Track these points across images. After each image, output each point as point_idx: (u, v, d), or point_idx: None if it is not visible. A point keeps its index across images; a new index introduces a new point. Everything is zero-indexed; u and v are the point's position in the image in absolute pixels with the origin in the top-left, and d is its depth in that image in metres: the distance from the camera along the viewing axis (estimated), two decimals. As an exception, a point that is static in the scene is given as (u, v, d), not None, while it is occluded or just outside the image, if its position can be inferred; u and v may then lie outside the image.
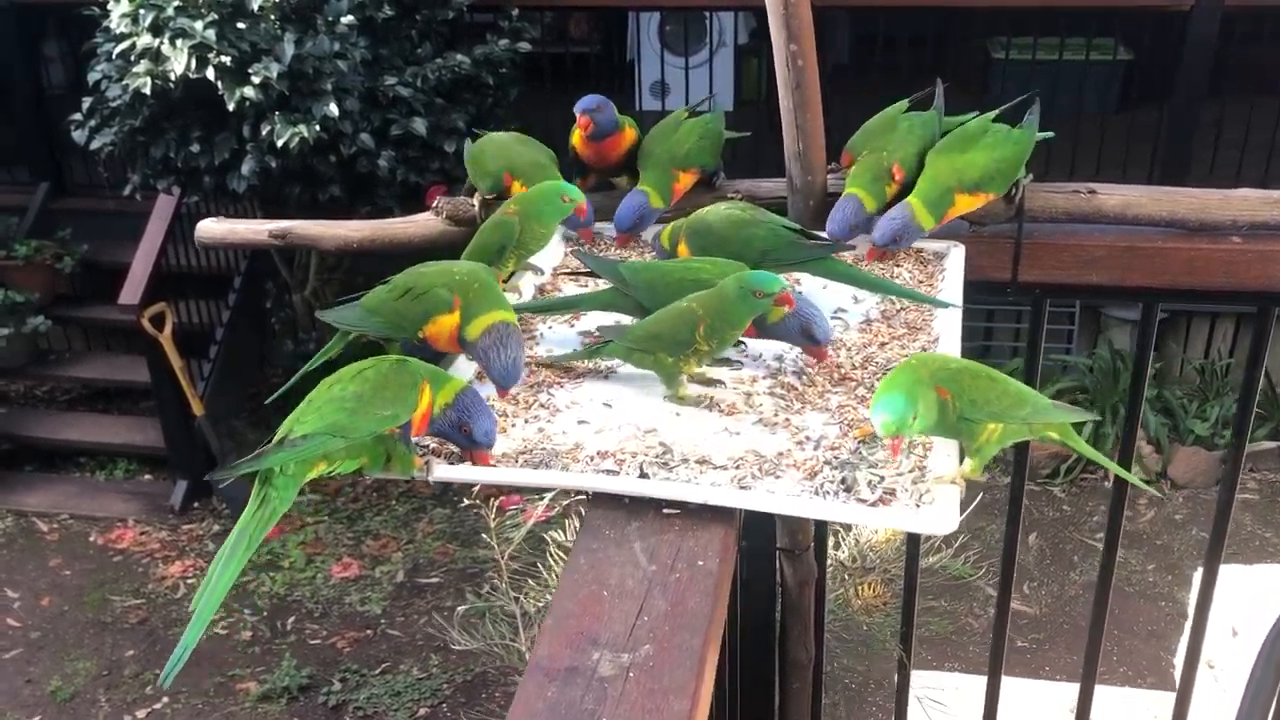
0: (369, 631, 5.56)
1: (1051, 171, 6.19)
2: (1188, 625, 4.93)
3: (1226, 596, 3.76)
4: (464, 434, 1.44)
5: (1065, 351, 6.76)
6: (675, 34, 8.15)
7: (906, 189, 1.99)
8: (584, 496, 1.48)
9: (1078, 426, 1.62)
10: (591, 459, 1.47)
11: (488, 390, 1.62)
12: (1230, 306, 5.87)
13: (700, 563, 1.29)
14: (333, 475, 1.46)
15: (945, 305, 1.85)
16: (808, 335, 1.65)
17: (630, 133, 2.20)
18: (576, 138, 2.20)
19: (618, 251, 2.13)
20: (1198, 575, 5.12)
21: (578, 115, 2.15)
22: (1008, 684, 2.90)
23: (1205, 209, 2.04)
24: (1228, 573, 3.66)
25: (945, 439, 1.52)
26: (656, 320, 1.67)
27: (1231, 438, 2.22)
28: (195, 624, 1.35)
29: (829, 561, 2.69)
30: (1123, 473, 1.85)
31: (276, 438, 1.43)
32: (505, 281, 1.92)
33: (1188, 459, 6.30)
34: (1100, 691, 2.91)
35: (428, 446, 1.52)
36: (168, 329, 6.25)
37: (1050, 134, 2.17)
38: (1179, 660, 4.85)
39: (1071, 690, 3.63)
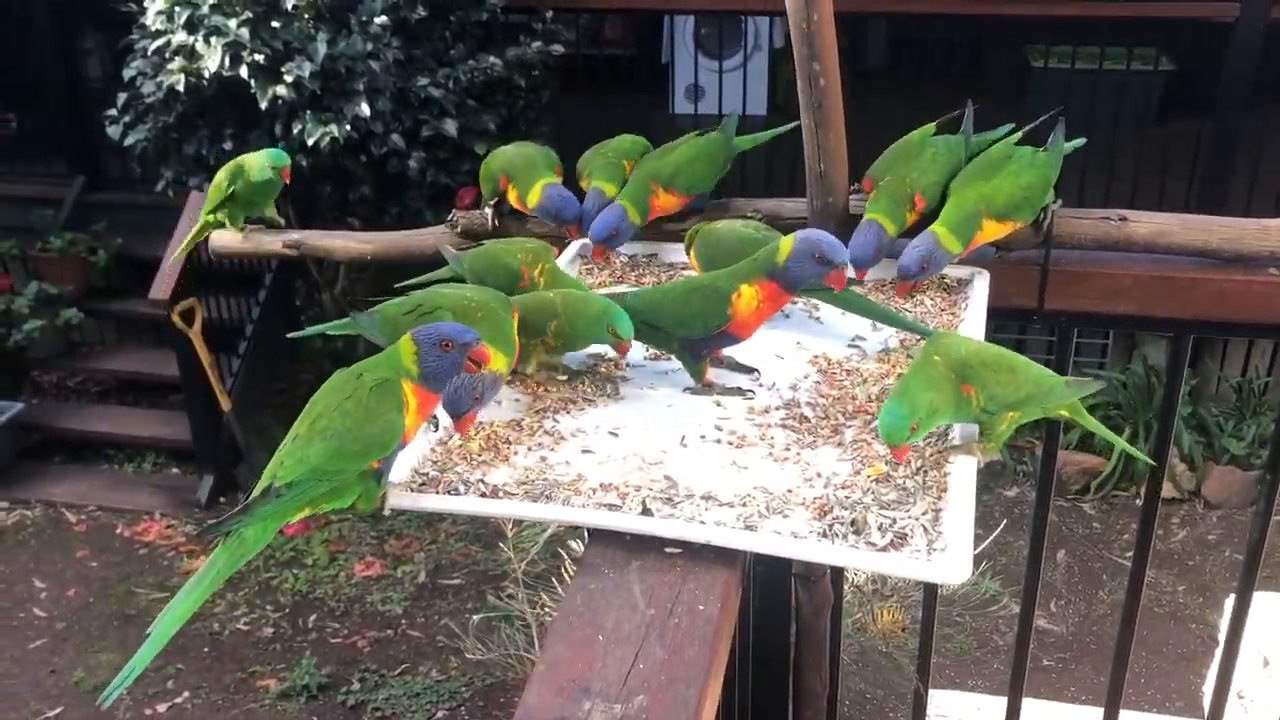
0: (389, 631, 5.56)
1: (1088, 183, 6.09)
2: (1218, 652, 4.83)
3: (1259, 624, 3.67)
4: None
5: (1099, 366, 6.65)
6: (710, 37, 8.10)
7: (928, 219, 1.94)
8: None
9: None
10: (594, 491, 1.43)
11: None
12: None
13: (701, 608, 1.25)
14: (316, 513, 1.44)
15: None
16: (825, 262, 1.62)
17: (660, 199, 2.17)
18: None
19: (589, 265, 2.12)
20: (1229, 601, 5.01)
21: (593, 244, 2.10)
22: (1031, 706, 2.84)
23: (1241, 239, 1.97)
24: (1261, 600, 3.58)
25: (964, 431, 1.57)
26: (522, 301, 1.73)
27: (1268, 464, 2.15)
28: (149, 646, 1.33)
29: (847, 586, 2.64)
30: (1124, 445, 1.82)
31: (262, 483, 1.39)
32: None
33: (1222, 478, 6.18)
34: (1125, 717, 2.84)
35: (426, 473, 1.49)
36: (198, 324, 6.28)
37: (1082, 140, 2.10)
38: (1208, 687, 4.75)
39: (1096, 714, 3.55)
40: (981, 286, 1.91)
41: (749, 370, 1.73)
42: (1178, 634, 5.35)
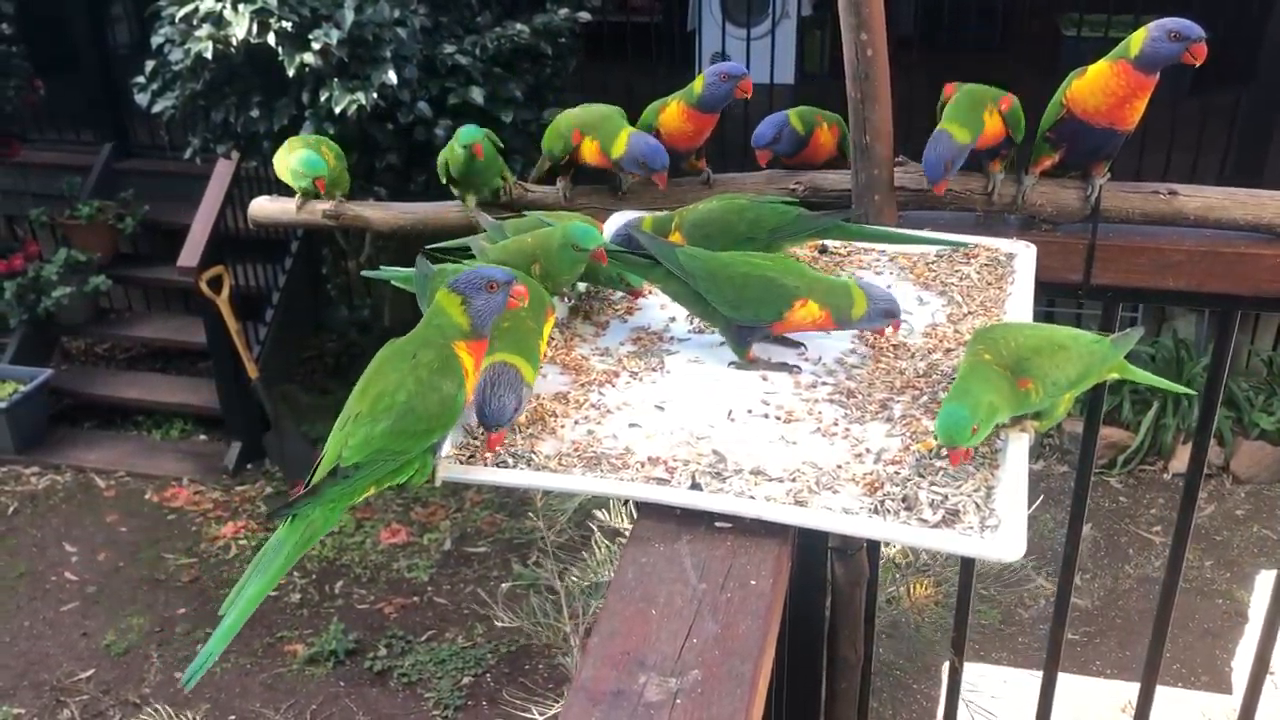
0: (415, 599, 5.61)
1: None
2: (1247, 627, 4.80)
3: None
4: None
5: (1128, 339, 6.59)
6: (737, 4, 8.02)
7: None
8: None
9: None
10: (642, 465, 1.43)
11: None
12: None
13: (753, 582, 1.25)
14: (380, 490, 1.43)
15: (962, 245, 1.92)
16: (888, 315, 1.64)
17: (823, 133, 2.21)
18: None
19: None
20: (1261, 576, 4.97)
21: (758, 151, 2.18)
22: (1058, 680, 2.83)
23: (1294, 213, 1.95)
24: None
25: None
26: (504, 248, 1.77)
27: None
28: (223, 633, 1.30)
29: (881, 559, 2.64)
30: (1171, 386, 1.81)
31: (326, 464, 1.36)
32: None
33: (1252, 453, 6.14)
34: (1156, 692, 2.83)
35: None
36: (225, 292, 6.30)
37: None
38: (1236, 663, 4.74)
39: (1122, 688, 3.54)
40: (1029, 261, 1.89)
41: (795, 345, 1.72)
42: (1204, 609, 5.33)
